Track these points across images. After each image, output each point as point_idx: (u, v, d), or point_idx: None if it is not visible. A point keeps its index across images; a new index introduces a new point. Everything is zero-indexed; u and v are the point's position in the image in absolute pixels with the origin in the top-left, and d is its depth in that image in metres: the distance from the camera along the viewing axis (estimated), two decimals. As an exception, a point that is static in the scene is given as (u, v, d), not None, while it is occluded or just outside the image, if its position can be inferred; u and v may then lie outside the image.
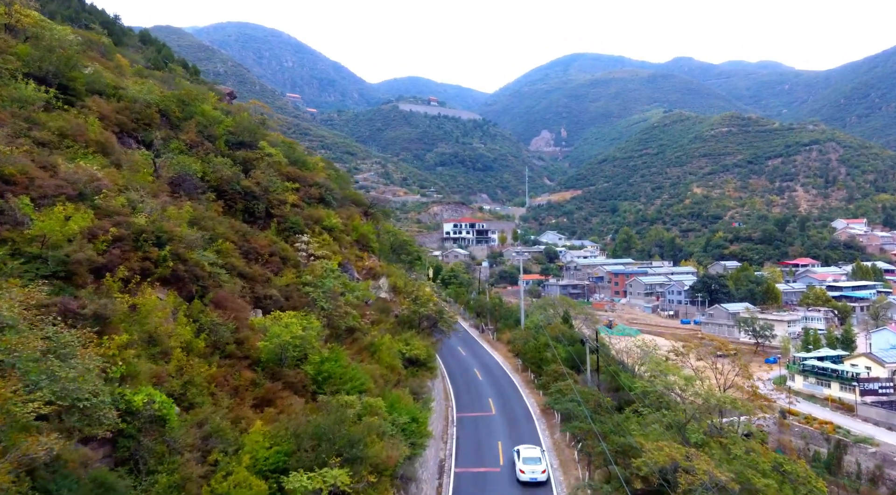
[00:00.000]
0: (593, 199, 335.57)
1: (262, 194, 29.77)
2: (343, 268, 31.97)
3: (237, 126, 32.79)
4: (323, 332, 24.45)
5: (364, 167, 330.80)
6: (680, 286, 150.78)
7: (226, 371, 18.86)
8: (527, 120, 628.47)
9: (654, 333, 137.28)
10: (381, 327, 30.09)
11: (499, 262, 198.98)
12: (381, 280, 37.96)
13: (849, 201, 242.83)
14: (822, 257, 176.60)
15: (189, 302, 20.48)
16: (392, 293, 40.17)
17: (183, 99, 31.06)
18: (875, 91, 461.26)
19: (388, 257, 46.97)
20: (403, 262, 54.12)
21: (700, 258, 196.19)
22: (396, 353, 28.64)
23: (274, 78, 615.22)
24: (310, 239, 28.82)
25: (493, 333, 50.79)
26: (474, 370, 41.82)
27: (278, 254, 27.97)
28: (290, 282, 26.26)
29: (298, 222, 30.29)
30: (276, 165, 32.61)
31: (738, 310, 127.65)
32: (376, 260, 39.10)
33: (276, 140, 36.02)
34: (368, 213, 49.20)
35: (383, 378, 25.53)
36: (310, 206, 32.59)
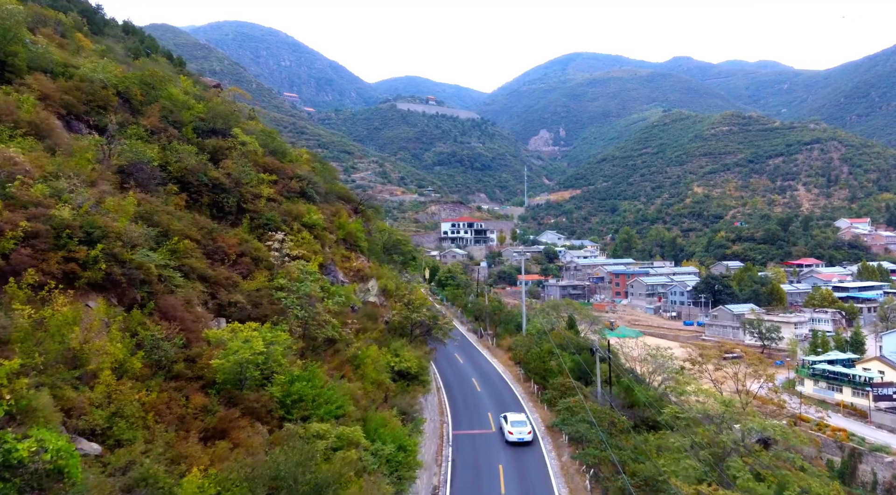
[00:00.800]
0: (592, 199, 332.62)
1: (232, 187, 26.40)
2: (325, 269, 28.61)
3: (209, 112, 29.48)
4: (296, 345, 21.09)
5: (361, 166, 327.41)
6: (682, 287, 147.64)
7: (170, 396, 15.49)
8: (525, 119, 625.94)
9: (657, 335, 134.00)
10: (367, 336, 26.76)
11: (497, 262, 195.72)
12: (369, 282, 34.60)
13: (851, 200, 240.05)
14: (827, 257, 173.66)
15: (131, 311, 17.14)
16: (382, 297, 36.83)
17: (146, 80, 27.72)
18: (875, 90, 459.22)
19: (380, 257, 43.65)
20: (397, 263, 50.83)
21: (702, 258, 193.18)
22: (384, 366, 25.27)
23: (271, 77, 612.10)
24: (286, 237, 25.44)
25: (492, 338, 47.37)
26: (472, 380, 38.48)
27: (250, 254, 24.59)
28: (260, 286, 22.90)
29: (274, 218, 26.94)
30: (251, 155, 29.25)
31: (743, 311, 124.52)
32: (365, 260, 35.74)
33: (255, 128, 32.71)
34: (358, 210, 45.85)
35: (367, 396, 22.19)
36: (289, 201, 29.27)
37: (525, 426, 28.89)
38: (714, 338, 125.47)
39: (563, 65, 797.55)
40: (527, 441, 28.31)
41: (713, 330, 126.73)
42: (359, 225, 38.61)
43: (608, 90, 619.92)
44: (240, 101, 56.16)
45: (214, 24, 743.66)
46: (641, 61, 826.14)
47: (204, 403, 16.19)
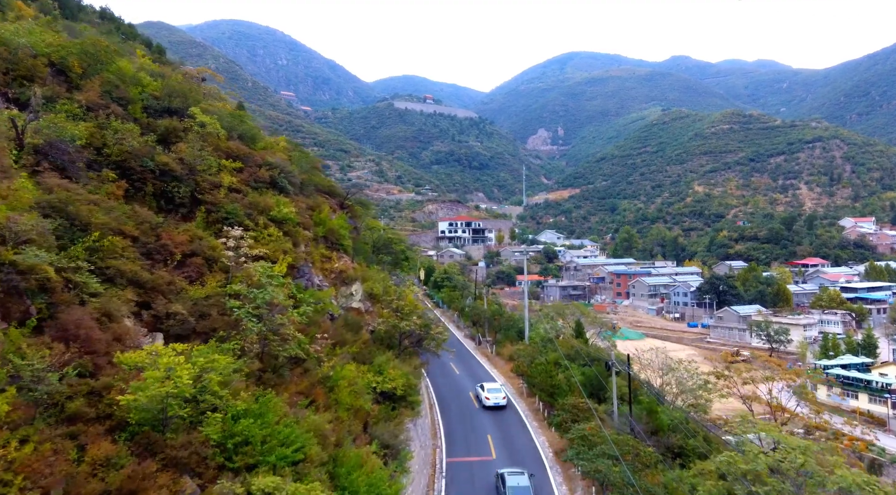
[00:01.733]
0: (592, 198, 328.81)
1: (186, 174, 22.23)
2: (298, 272, 24.47)
3: (165, 89, 25.39)
4: (250, 367, 16.97)
5: (358, 165, 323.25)
6: (685, 287, 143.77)
7: (55, 447, 11.33)
8: (523, 118, 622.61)
9: (660, 337, 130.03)
10: (345, 351, 22.63)
11: (496, 262, 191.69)
12: (353, 286, 30.48)
13: (855, 199, 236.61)
14: (832, 257, 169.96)
15: (22, 326, 13.02)
16: (368, 302, 32.71)
17: (88, 50, 23.61)
18: (875, 89, 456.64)
19: (368, 257, 39.52)
20: (387, 264, 46.73)
21: (704, 258, 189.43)
22: (365, 388, 21.11)
23: (268, 76, 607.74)
24: (245, 233, 21.29)
25: (491, 346, 43.19)
26: (469, 394, 34.42)
27: (202, 253, 20.44)
28: (211, 293, 18.77)
29: (236, 211, 22.79)
30: (212, 139, 25.12)
31: (749, 312, 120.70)
32: (349, 261, 31.61)
33: (222, 111, 28.61)
34: (344, 205, 41.69)
35: (341, 428, 18.08)
36: (256, 192, 25.15)
37: (500, 392, 33.89)
38: (719, 340, 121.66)
39: (562, 64, 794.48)
40: (502, 405, 32.75)
41: (718, 332, 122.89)
42: (343, 221, 34.44)
43: (607, 89, 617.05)
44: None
45: (211, 22, 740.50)
46: (640, 60, 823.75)
47: (108, 454, 12.04)
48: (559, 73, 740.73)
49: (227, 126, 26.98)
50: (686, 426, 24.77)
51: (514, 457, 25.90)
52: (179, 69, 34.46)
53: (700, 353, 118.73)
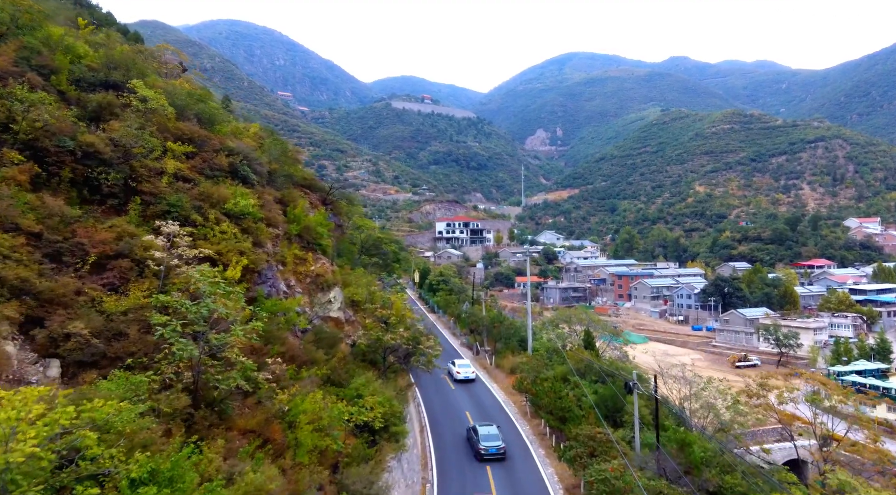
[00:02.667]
0: (591, 198, 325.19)
1: (118, 158, 18.13)
2: (259, 276, 20.37)
3: (105, 60, 21.37)
4: (174, 405, 12.89)
5: (354, 165, 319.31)
6: (689, 289, 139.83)
7: None
8: (522, 119, 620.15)
9: (664, 341, 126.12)
10: (312, 374, 18.53)
11: (494, 263, 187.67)
12: (331, 292, 26.41)
13: (859, 200, 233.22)
14: (838, 258, 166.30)
15: None
16: (350, 310, 28.63)
17: (4, 9, 19.55)
18: (876, 89, 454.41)
19: (353, 259, 35.44)
20: (377, 266, 42.66)
21: (707, 259, 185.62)
22: (336, 420, 16.99)
23: (265, 76, 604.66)
24: (186, 229, 17.19)
25: (490, 357, 39.01)
26: (466, 414, 30.36)
27: (132, 254, 16.32)
28: (132, 305, 14.67)
29: (181, 203, 18.71)
30: (158, 118, 21.05)
31: (757, 315, 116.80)
32: (327, 263, 27.53)
33: (179, 89, 24.49)
34: (327, 201, 37.58)
35: (298, 479, 13.99)
36: (211, 181, 21.09)
37: (469, 367, 38.32)
38: (725, 344, 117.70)
39: (560, 64, 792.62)
40: (471, 378, 37.02)
41: (724, 335, 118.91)
42: (322, 218, 30.34)
43: (605, 90, 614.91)
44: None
45: (208, 22, 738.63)
46: (638, 61, 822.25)
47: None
48: (557, 73, 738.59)
49: (180, 104, 22.90)
50: (722, 459, 20.81)
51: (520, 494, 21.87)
52: (137, 46, 30.39)
53: (705, 358, 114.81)
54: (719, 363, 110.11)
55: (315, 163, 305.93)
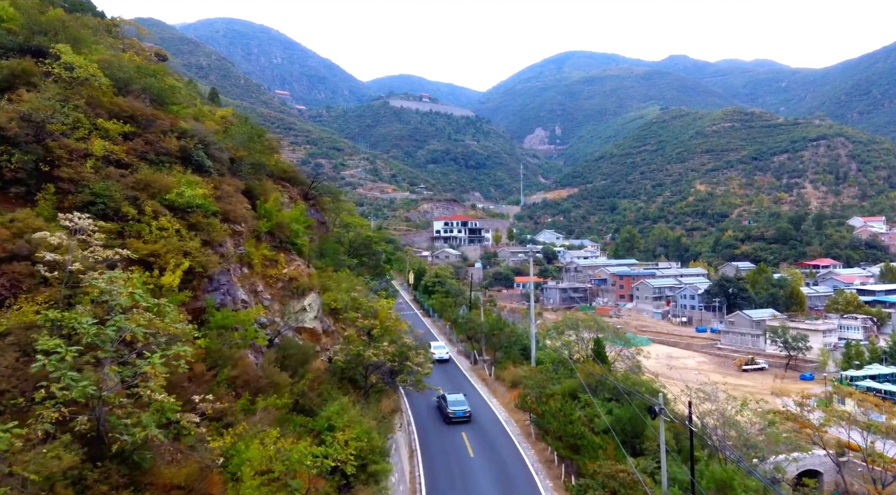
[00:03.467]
0: (591, 197, 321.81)
1: (27, 135, 14.55)
2: (210, 283, 16.79)
3: (28, 23, 17.80)
4: (55, 466, 9.29)
5: (351, 163, 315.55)
6: (692, 289, 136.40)
7: None
8: (521, 118, 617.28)
9: (668, 343, 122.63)
10: (270, 405, 14.93)
11: (493, 263, 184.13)
12: (306, 298, 22.83)
13: (862, 198, 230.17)
14: (844, 258, 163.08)
15: None
16: (330, 319, 25.03)
17: None
18: (877, 87, 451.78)
19: (337, 260, 31.84)
20: (367, 267, 39.06)
21: (709, 258, 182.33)
22: (297, 464, 13.38)
23: (263, 74, 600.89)
24: (103, 225, 13.61)
25: (489, 367, 35.38)
26: (462, 436, 26.78)
27: (34, 256, 12.71)
28: (18, 323, 11.09)
29: (109, 192, 15.15)
30: (88, 90, 17.47)
31: (763, 317, 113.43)
32: (303, 265, 23.91)
33: (125, 62, 20.80)
34: (309, 196, 34.00)
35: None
36: (154, 167, 17.53)
37: (444, 348, 42.12)
38: (731, 346, 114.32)
39: (559, 63, 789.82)
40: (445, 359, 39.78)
41: (730, 337, 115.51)
42: (299, 214, 26.74)
43: (604, 88, 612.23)
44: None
45: (206, 20, 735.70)
46: (637, 60, 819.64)
47: None
48: (556, 72, 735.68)
49: (123, 78, 19.31)
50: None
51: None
52: (83, 17, 26.73)
53: (711, 360, 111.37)
54: (725, 366, 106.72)
55: (312, 161, 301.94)
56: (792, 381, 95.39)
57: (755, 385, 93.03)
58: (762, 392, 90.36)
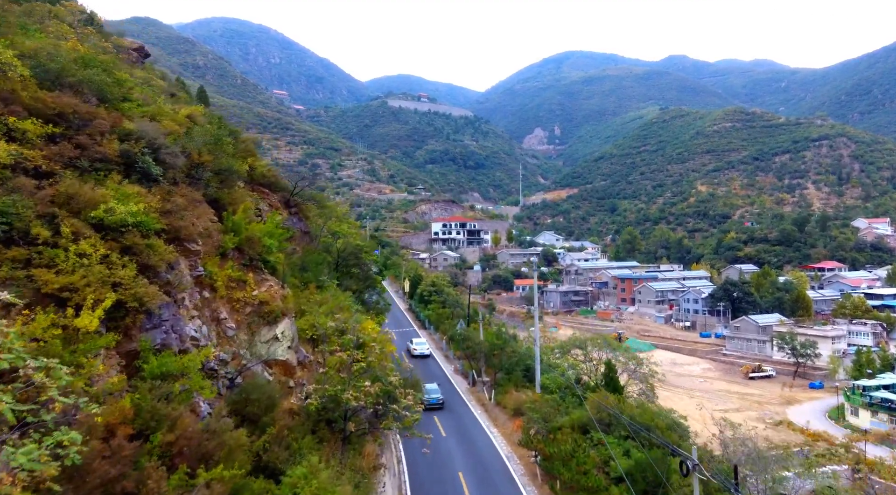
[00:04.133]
0: (590, 198, 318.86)
1: None
2: (150, 319, 13.69)
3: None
4: None
5: (349, 163, 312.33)
6: (696, 293, 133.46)
7: None
8: (520, 118, 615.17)
9: (671, 348, 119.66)
10: (214, 478, 11.83)
11: (492, 266, 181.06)
12: (279, 326, 19.79)
13: (865, 199, 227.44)
14: (849, 260, 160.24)
15: None
16: (307, 348, 21.94)
17: None
18: (877, 87, 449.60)
19: (320, 276, 28.72)
20: (356, 278, 35.95)
21: (712, 261, 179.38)
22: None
23: (261, 74, 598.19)
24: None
25: (489, 390, 32.08)
26: (459, 476, 23.61)
27: None
28: None
29: (15, 209, 12.08)
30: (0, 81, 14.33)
31: (770, 322, 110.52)
32: (276, 285, 20.85)
33: (61, 50, 17.59)
34: (291, 203, 30.94)
35: None
36: (87, 177, 14.46)
37: (424, 344, 44.52)
38: (737, 352, 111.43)
39: (558, 63, 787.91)
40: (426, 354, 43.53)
41: (735, 343, 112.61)
42: (273, 226, 23.64)
43: (603, 88, 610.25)
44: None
45: (203, 20, 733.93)
46: (636, 60, 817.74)
47: None
48: (555, 72, 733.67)
49: (54, 68, 16.22)
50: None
51: None
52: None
53: (716, 367, 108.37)
54: (731, 373, 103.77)
55: (308, 162, 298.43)
56: (801, 390, 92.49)
57: (763, 393, 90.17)
58: (771, 401, 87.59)
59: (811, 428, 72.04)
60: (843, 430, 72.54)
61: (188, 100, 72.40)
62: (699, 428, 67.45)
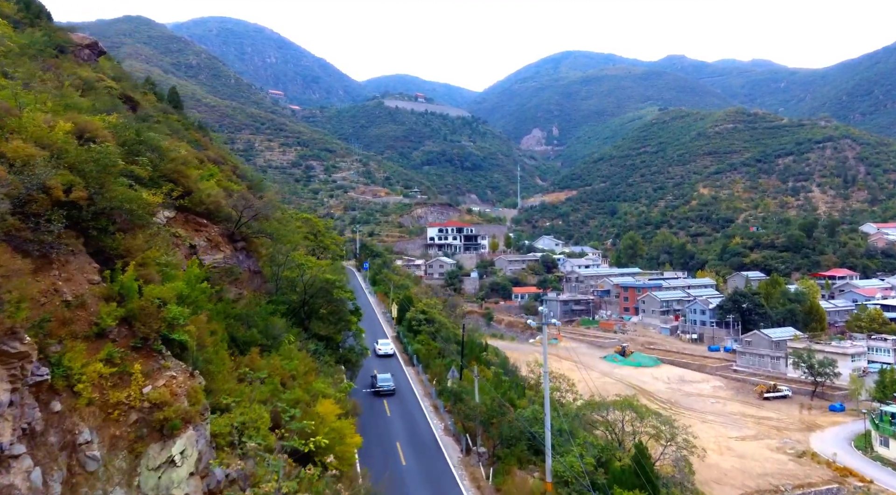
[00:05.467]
0: (590, 200, 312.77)
1: None
2: None
3: None
4: None
5: (343, 165, 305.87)
6: (704, 304, 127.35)
7: None
8: (517, 118, 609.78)
9: (679, 364, 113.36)
10: None
11: (490, 272, 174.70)
12: (177, 442, 13.38)
13: (872, 203, 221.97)
14: (860, 268, 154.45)
15: None
16: (231, 462, 15.57)
17: None
18: (879, 88, 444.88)
19: (271, 328, 22.36)
20: (326, 323, 29.64)
21: (716, 267, 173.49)
22: None
23: (256, 74, 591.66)
24: None
25: (485, 465, 25.36)
26: None
27: None
28: None
29: None
30: None
31: (783, 336, 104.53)
32: (181, 374, 14.46)
33: None
34: (238, 237, 24.59)
35: None
36: None
37: (390, 345, 47.70)
38: (748, 368, 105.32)
39: (556, 63, 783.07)
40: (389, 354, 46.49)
41: (746, 359, 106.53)
42: (195, 279, 17.31)
43: (602, 88, 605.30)
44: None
45: (198, 19, 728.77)
46: (635, 60, 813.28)
47: None
48: (553, 72, 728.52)
49: None
50: None
51: None
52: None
53: (727, 385, 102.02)
54: (744, 392, 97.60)
55: (303, 164, 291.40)
56: (820, 412, 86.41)
57: (781, 417, 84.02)
58: (790, 426, 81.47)
59: (838, 460, 66.03)
60: (872, 463, 66.55)
61: (154, 102, 65.82)
62: (718, 461, 61.34)
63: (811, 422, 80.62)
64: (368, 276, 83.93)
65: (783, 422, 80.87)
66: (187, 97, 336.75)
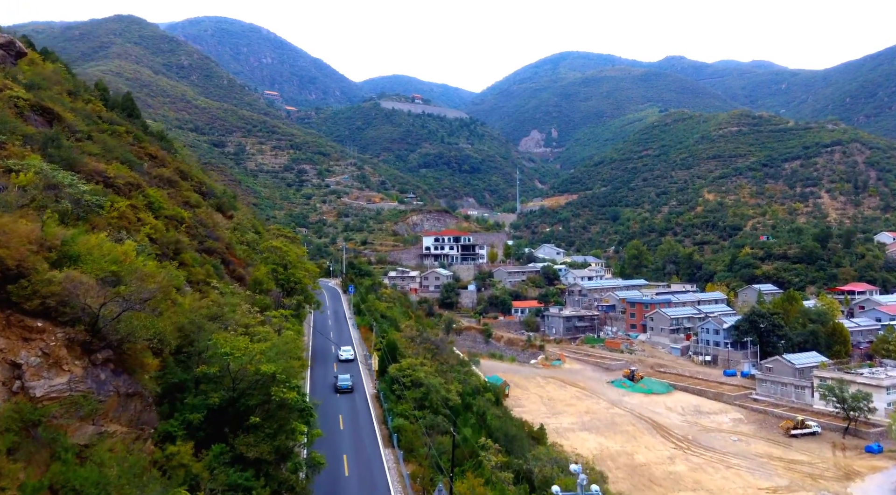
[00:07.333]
0: (591, 205, 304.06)
1: None
2: None
3: None
4: None
5: (338, 169, 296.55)
6: (717, 323, 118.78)
7: None
8: (516, 119, 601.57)
9: (692, 391, 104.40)
10: None
11: (488, 285, 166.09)
12: None
13: (885, 209, 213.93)
14: (879, 281, 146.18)
15: None
16: None
17: None
18: (883, 89, 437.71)
19: (147, 489, 13.76)
20: (265, 436, 21.05)
21: (726, 279, 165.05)
22: None
23: (252, 75, 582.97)
24: None
25: None
26: None
27: None
28: None
29: None
30: None
31: (808, 363, 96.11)
32: None
33: None
34: (103, 343, 15.70)
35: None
36: None
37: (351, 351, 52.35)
38: (770, 397, 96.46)
39: (555, 64, 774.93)
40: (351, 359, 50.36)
41: (767, 387, 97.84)
42: None
43: (601, 89, 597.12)
44: None
45: (193, 19, 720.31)
46: (634, 60, 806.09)
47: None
48: (552, 72, 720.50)
49: None
50: None
51: None
52: None
53: (748, 418, 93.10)
54: (767, 426, 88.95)
55: (295, 168, 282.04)
56: (856, 454, 77.84)
57: (813, 460, 75.51)
58: (825, 473, 73.02)
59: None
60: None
61: (101, 110, 56.86)
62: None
63: (848, 468, 72.02)
64: (354, 302, 75.21)
65: (817, 468, 72.25)
66: (177, 98, 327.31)
